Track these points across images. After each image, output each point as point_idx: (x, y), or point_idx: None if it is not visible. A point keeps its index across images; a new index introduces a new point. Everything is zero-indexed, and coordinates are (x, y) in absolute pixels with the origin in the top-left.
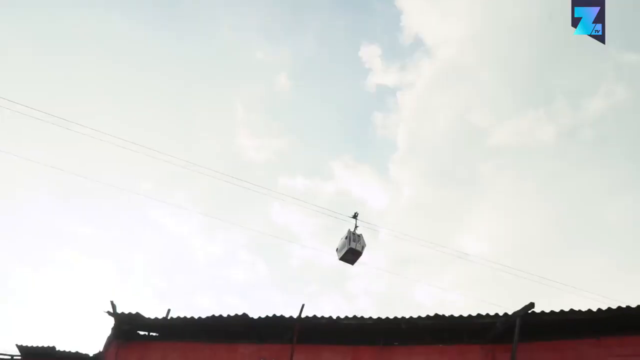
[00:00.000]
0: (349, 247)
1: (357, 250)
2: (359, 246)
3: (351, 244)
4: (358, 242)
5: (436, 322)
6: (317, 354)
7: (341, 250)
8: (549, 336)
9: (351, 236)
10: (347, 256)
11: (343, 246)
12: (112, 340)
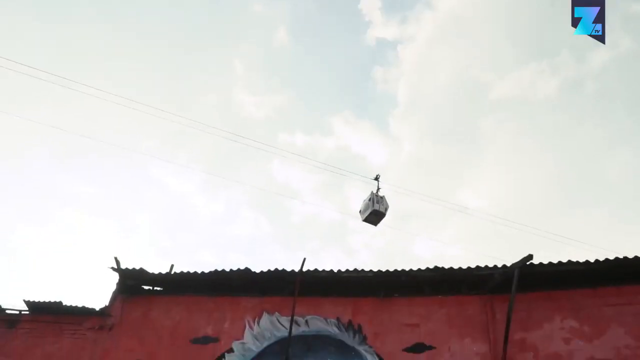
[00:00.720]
0: (373, 209)
1: (381, 212)
2: (382, 208)
3: (374, 205)
4: (381, 203)
5: (436, 274)
6: (318, 305)
7: (364, 212)
8: (546, 287)
9: (374, 198)
10: (371, 218)
11: (366, 208)
12: (117, 295)
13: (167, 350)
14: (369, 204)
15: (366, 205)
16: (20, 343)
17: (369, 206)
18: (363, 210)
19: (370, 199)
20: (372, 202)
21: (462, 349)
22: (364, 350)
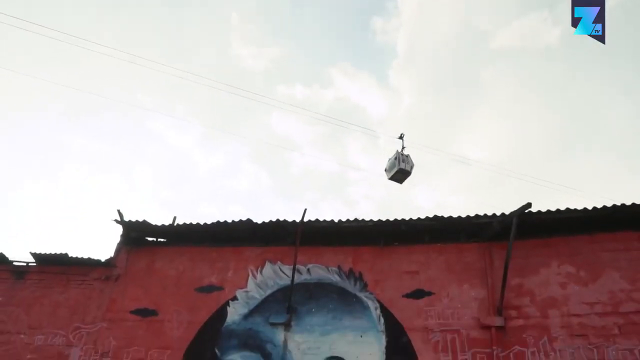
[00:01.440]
0: (399, 168)
1: (407, 170)
2: (408, 166)
3: (400, 164)
4: (407, 162)
5: (435, 222)
6: (319, 254)
7: (390, 170)
8: (544, 234)
9: (400, 157)
10: (397, 176)
11: (392, 167)
12: (121, 246)
13: (173, 299)
14: (394, 163)
15: (392, 164)
16: (29, 293)
17: (395, 165)
18: (389, 169)
19: (396, 157)
20: (398, 161)
21: (460, 294)
22: (364, 297)
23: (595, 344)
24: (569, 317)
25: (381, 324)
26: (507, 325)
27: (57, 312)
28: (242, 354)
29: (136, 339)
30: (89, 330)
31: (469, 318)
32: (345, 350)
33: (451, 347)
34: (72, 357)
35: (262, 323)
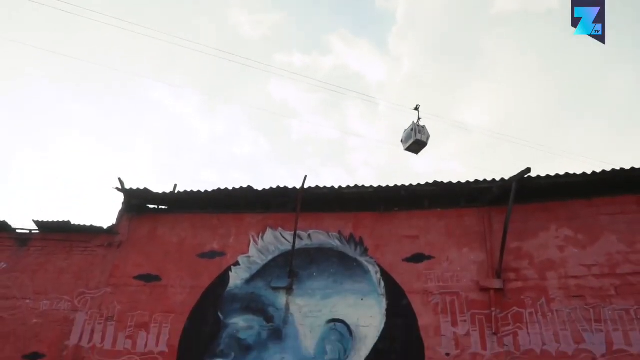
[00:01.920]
0: (415, 139)
1: (423, 141)
2: (424, 137)
3: (417, 135)
4: (423, 133)
5: (435, 188)
6: (320, 220)
7: (406, 141)
8: (543, 198)
9: (416, 128)
10: (413, 147)
11: (408, 138)
12: (123, 214)
13: (175, 265)
14: (411, 134)
15: (408, 135)
16: (33, 260)
17: (412, 136)
18: (405, 140)
19: (413, 129)
20: (414, 132)
21: (460, 258)
22: (365, 261)
23: (592, 304)
24: (566, 279)
25: (381, 288)
26: (506, 288)
27: (61, 278)
28: (244, 318)
29: (140, 303)
30: (94, 296)
31: (468, 281)
32: (346, 313)
33: (450, 309)
34: (78, 321)
35: (264, 287)
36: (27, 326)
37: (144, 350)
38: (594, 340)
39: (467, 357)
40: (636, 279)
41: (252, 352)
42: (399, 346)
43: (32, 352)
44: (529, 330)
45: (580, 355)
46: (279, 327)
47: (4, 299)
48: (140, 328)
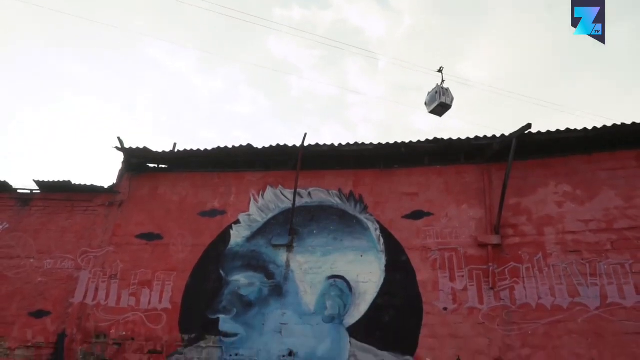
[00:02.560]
0: (440, 102)
1: (447, 104)
2: (448, 100)
3: (441, 98)
4: (447, 95)
5: (435, 145)
6: (320, 178)
7: (430, 104)
8: (543, 154)
9: (440, 90)
10: (437, 110)
11: (432, 100)
12: (124, 173)
13: (176, 223)
14: (435, 97)
15: (432, 98)
16: (35, 220)
17: (436, 99)
18: (429, 102)
19: (437, 91)
20: (438, 95)
21: (459, 215)
22: (365, 219)
23: (588, 259)
24: (563, 235)
25: (381, 244)
26: (504, 243)
27: (64, 238)
28: (246, 275)
29: (142, 261)
30: (97, 254)
31: (467, 237)
32: (346, 270)
33: (449, 264)
34: (82, 280)
35: (265, 245)
36: (32, 285)
37: (147, 307)
38: (589, 293)
39: (464, 311)
40: (632, 233)
41: (253, 308)
42: (397, 301)
43: (38, 309)
44: (525, 284)
45: (574, 308)
46: (279, 284)
47: (8, 258)
48: (143, 286)
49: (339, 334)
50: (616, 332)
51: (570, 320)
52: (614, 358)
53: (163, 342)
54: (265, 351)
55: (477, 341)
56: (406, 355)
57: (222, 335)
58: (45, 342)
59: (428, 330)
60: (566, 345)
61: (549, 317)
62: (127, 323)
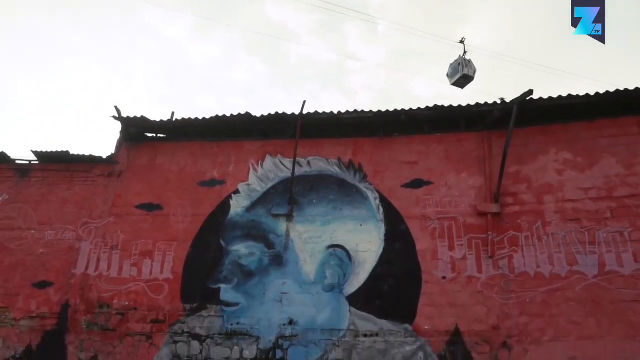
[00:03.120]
0: (463, 74)
1: (469, 76)
2: (470, 71)
3: (464, 69)
4: (469, 67)
5: (435, 112)
6: (319, 147)
7: (453, 76)
8: (544, 121)
9: (462, 62)
10: (460, 81)
11: (455, 72)
12: (122, 142)
13: (176, 193)
14: (458, 68)
15: (455, 70)
16: (35, 191)
17: (459, 70)
18: (451, 74)
19: (460, 63)
20: (461, 67)
21: (458, 183)
22: (364, 187)
23: (587, 227)
24: (563, 203)
25: (380, 213)
26: (503, 212)
27: (64, 209)
28: (246, 244)
29: (143, 232)
30: (97, 225)
31: (466, 206)
32: (345, 239)
33: (448, 233)
34: (83, 250)
35: (265, 214)
36: (34, 256)
37: (149, 277)
38: (587, 262)
39: (463, 280)
40: (632, 201)
41: (254, 277)
42: (397, 270)
43: (41, 280)
44: (524, 253)
45: (572, 276)
46: (279, 253)
47: (9, 229)
48: (144, 256)
49: (339, 302)
50: (614, 300)
51: (568, 288)
52: (611, 326)
53: (165, 311)
54: (266, 320)
55: (476, 310)
56: (405, 324)
57: (223, 305)
58: (49, 312)
59: (427, 299)
60: (564, 314)
61: (547, 285)
62: (130, 293)
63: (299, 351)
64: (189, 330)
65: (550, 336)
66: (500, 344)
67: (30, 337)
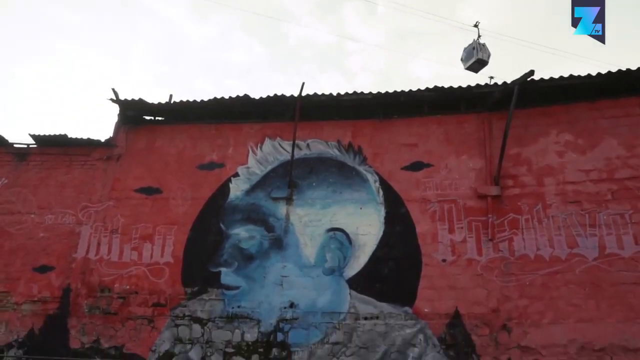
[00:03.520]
0: (477, 58)
1: (484, 60)
2: (485, 55)
3: (478, 54)
4: (484, 51)
5: (435, 93)
6: (318, 129)
7: (467, 60)
8: (545, 102)
9: (477, 46)
10: (474, 66)
11: (470, 56)
12: (120, 126)
13: (175, 176)
14: (472, 52)
15: (469, 54)
16: (33, 175)
17: (473, 54)
18: (465, 58)
19: (474, 47)
20: (475, 51)
21: (458, 166)
22: (364, 170)
23: (588, 209)
24: (564, 185)
25: (380, 196)
26: (504, 194)
27: (63, 193)
28: (246, 228)
29: (143, 215)
30: (97, 209)
31: (466, 188)
32: (345, 222)
33: (448, 216)
34: (84, 235)
35: (264, 198)
36: (35, 240)
37: (149, 261)
38: (587, 244)
39: (463, 262)
40: (633, 183)
41: (254, 261)
42: (397, 253)
43: (42, 264)
44: (524, 235)
45: (572, 259)
46: (279, 237)
47: (9, 214)
48: (144, 240)
49: (339, 285)
50: (613, 283)
51: (568, 271)
52: (610, 308)
53: (166, 295)
54: (266, 303)
55: (475, 292)
56: (405, 307)
57: (224, 288)
58: (50, 296)
59: (427, 281)
60: (563, 296)
61: (547, 268)
62: (131, 277)
63: (300, 334)
64: (190, 313)
65: (550, 318)
66: (500, 326)
67: (33, 321)
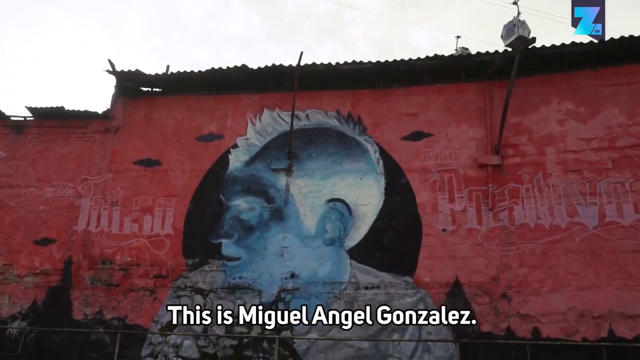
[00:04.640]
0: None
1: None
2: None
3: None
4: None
5: (435, 62)
6: (318, 99)
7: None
8: (546, 70)
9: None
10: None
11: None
12: (117, 97)
13: (174, 148)
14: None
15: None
16: (32, 148)
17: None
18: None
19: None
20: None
21: (458, 135)
22: (363, 140)
23: (588, 178)
24: (564, 154)
25: (380, 167)
26: (504, 164)
27: (62, 165)
28: (246, 199)
29: (142, 187)
30: (96, 182)
31: (467, 158)
32: (345, 193)
33: (448, 186)
34: (84, 207)
35: (264, 169)
36: (35, 213)
37: (150, 233)
38: (587, 213)
39: (463, 232)
40: (634, 151)
41: (254, 232)
42: (397, 223)
43: (43, 237)
44: (525, 205)
45: (572, 228)
46: (279, 208)
47: (8, 187)
48: (144, 212)
49: (340, 256)
50: (613, 251)
51: (567, 239)
52: (609, 276)
53: (168, 267)
54: (267, 274)
55: (475, 261)
56: (405, 276)
57: (225, 259)
58: (52, 268)
59: (427, 251)
60: (563, 265)
61: (546, 236)
62: (132, 249)
63: (301, 304)
64: (192, 284)
65: (550, 287)
66: (499, 294)
67: (35, 293)
